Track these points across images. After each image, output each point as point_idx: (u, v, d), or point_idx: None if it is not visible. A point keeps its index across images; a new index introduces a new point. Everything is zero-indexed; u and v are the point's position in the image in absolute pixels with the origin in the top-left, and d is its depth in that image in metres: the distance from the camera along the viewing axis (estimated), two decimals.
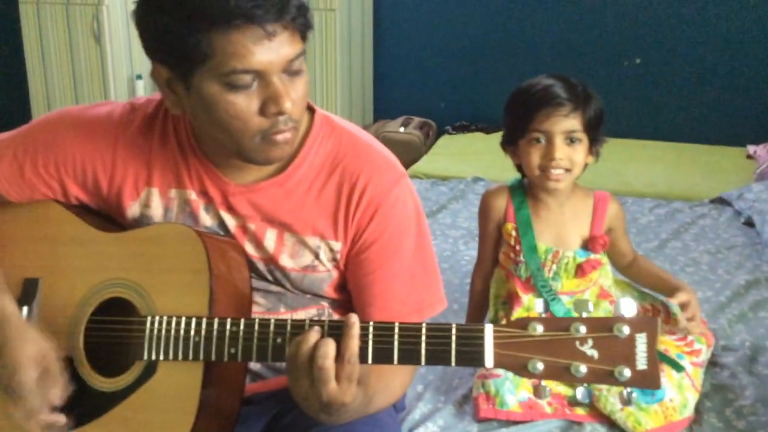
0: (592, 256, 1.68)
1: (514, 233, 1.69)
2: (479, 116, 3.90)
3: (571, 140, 1.59)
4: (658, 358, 0.88)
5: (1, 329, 1.07)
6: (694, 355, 1.66)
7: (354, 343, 0.94)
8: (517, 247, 1.68)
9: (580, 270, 1.67)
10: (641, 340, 0.87)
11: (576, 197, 1.71)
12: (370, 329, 0.96)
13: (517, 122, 1.64)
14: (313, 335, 0.95)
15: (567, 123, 1.58)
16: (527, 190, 1.71)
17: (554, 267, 1.67)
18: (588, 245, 1.68)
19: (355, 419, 1.04)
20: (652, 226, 2.61)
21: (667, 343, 1.67)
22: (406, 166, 3.33)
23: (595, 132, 1.63)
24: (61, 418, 1.05)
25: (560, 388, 1.59)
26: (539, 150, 1.60)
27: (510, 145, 1.69)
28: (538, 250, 1.67)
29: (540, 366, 0.89)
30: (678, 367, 1.59)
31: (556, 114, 1.58)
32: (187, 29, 0.96)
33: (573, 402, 1.59)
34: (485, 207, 1.74)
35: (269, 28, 0.96)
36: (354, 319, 0.95)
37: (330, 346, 0.94)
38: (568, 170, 1.61)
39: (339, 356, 0.94)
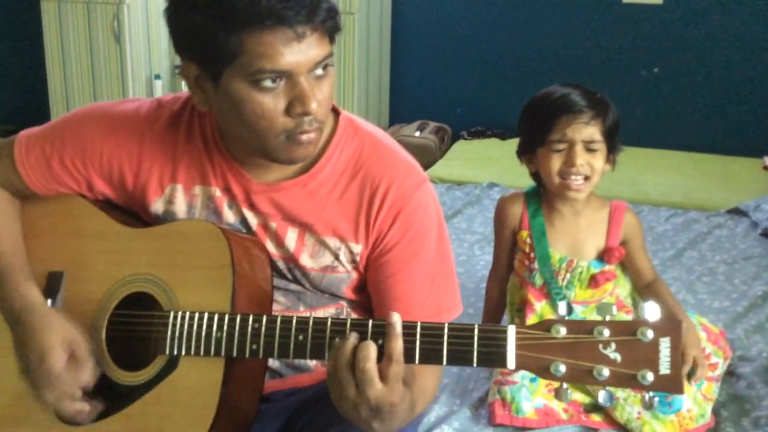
0: (606, 268, 1.68)
1: (528, 240, 1.69)
2: (495, 122, 3.90)
3: (590, 148, 1.59)
4: (681, 362, 0.88)
5: (26, 317, 1.09)
6: (710, 368, 1.65)
7: (399, 343, 0.93)
8: (532, 255, 1.68)
9: (594, 281, 1.67)
10: (665, 345, 0.87)
11: (591, 206, 1.70)
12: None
13: (536, 130, 1.63)
14: (352, 339, 0.95)
15: (587, 131, 1.58)
16: (543, 198, 1.71)
17: (568, 276, 1.67)
18: (603, 256, 1.68)
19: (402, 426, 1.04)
20: (668, 235, 2.60)
21: None
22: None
23: (613, 140, 1.63)
24: (86, 407, 1.07)
25: (576, 396, 1.59)
26: (560, 157, 1.60)
27: (527, 153, 1.69)
28: (551, 259, 1.66)
29: (562, 368, 0.89)
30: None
31: (576, 122, 1.58)
32: (218, 28, 0.97)
33: (589, 409, 1.59)
34: (500, 213, 1.74)
35: (299, 30, 0.97)
36: (396, 317, 0.95)
37: (371, 348, 0.93)
38: (587, 178, 1.61)
39: (385, 356, 0.93)
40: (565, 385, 0.91)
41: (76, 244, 1.17)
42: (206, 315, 1.04)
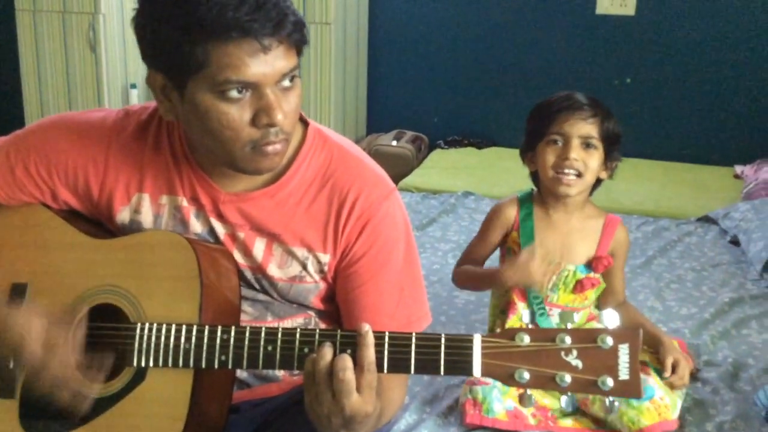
0: (592, 275, 1.71)
1: (518, 242, 1.72)
2: (471, 131, 3.94)
3: (587, 145, 1.64)
4: (639, 368, 0.91)
5: None
6: None
7: (371, 352, 0.95)
8: None
9: (579, 285, 1.70)
10: (624, 351, 0.90)
11: (586, 213, 1.75)
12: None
13: (538, 127, 1.69)
14: (328, 350, 0.96)
15: (585, 127, 1.64)
16: (536, 200, 1.75)
17: (554, 278, 1.70)
18: (591, 263, 1.71)
19: None
20: (639, 243, 2.64)
21: (650, 358, 1.71)
22: (398, 179, 3.39)
23: (612, 147, 1.68)
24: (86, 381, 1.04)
25: (546, 401, 1.61)
26: (555, 151, 1.65)
27: (528, 151, 1.74)
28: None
29: (526, 375, 0.91)
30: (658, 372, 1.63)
31: (574, 117, 1.64)
32: (184, 38, 0.97)
33: (558, 415, 1.61)
34: (496, 214, 1.77)
35: (265, 42, 0.98)
36: (367, 327, 0.96)
37: (347, 359, 0.95)
38: (579, 176, 1.65)
39: (357, 366, 0.95)
40: (529, 392, 0.93)
41: (40, 255, 1.16)
42: (174, 326, 1.04)
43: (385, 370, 0.97)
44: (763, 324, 2.07)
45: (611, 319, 0.91)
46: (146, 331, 1.05)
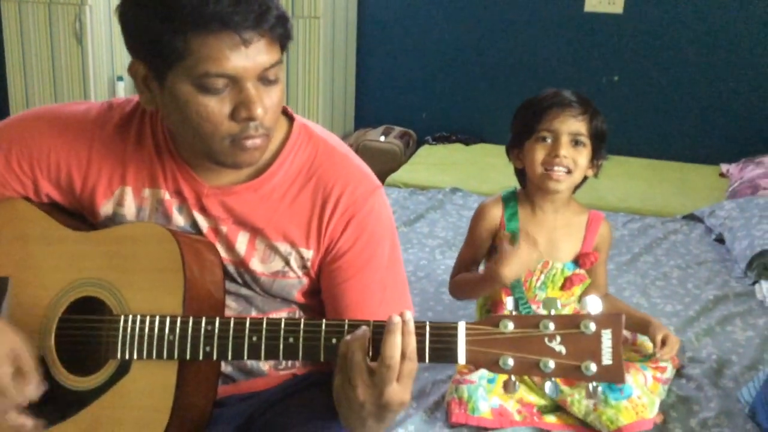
0: (579, 271, 1.72)
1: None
2: (459, 128, 3.94)
3: (576, 142, 1.65)
4: (622, 353, 0.91)
5: None
6: (658, 370, 1.70)
7: (413, 340, 0.93)
8: None
9: (568, 282, 1.71)
10: (606, 336, 0.91)
11: (571, 210, 1.75)
12: (346, 326, 0.98)
13: (526, 123, 1.68)
14: (364, 334, 0.94)
15: (574, 125, 1.64)
16: (521, 199, 1.75)
17: (542, 277, 1.70)
18: (578, 260, 1.72)
19: (328, 423, 1.05)
20: (624, 240, 2.65)
21: (633, 357, 1.72)
22: (385, 175, 3.38)
23: (599, 144, 1.69)
24: (29, 422, 1.02)
25: (531, 398, 1.61)
26: (545, 148, 1.65)
27: (515, 149, 1.73)
28: None
29: (510, 362, 0.92)
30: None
31: (564, 114, 1.64)
32: (165, 28, 0.97)
33: (543, 410, 1.62)
34: (481, 215, 1.76)
35: (246, 35, 0.97)
36: (409, 315, 0.94)
37: (397, 345, 0.92)
38: (568, 172, 1.65)
39: (400, 355, 0.93)
40: (513, 378, 0.94)
41: (22, 248, 1.15)
42: (158, 318, 1.03)
43: (369, 358, 0.96)
44: (747, 321, 2.08)
45: (594, 304, 0.92)
46: (130, 323, 1.05)
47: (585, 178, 1.72)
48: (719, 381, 1.78)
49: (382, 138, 3.81)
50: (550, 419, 1.60)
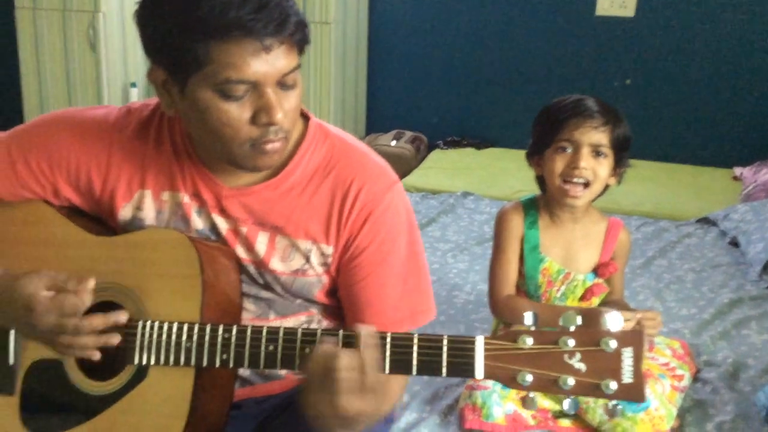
0: (599, 281, 1.70)
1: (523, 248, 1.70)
2: (471, 132, 3.94)
3: (597, 153, 1.61)
4: (642, 372, 0.90)
5: None
6: (676, 379, 1.69)
7: (374, 353, 0.93)
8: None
9: (589, 292, 1.69)
10: (627, 354, 0.90)
11: (590, 218, 1.72)
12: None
13: (546, 131, 1.64)
14: (328, 347, 0.94)
15: (596, 136, 1.60)
16: (540, 206, 1.72)
17: (563, 288, 1.68)
18: (597, 270, 1.70)
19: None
20: (638, 243, 2.64)
21: (651, 366, 1.70)
22: None
23: (621, 153, 1.64)
24: (98, 319, 1.03)
25: (546, 403, 1.61)
26: (565, 158, 1.61)
27: (535, 155, 1.70)
28: (550, 270, 1.68)
29: (529, 378, 0.91)
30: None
31: (585, 125, 1.60)
32: (186, 36, 0.97)
33: (558, 415, 1.61)
34: (507, 223, 1.70)
35: (266, 42, 0.97)
36: (371, 329, 0.95)
37: (351, 358, 0.92)
38: (587, 185, 1.61)
39: (359, 367, 0.92)
40: (532, 394, 0.93)
41: (41, 252, 1.16)
42: (175, 325, 1.04)
43: (387, 371, 0.96)
44: (763, 324, 2.07)
45: (614, 322, 0.90)
46: (147, 329, 1.05)
47: (606, 187, 1.68)
48: (735, 384, 1.77)
49: (393, 142, 3.81)
50: (565, 423, 1.59)
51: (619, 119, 1.64)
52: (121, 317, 1.06)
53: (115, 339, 1.05)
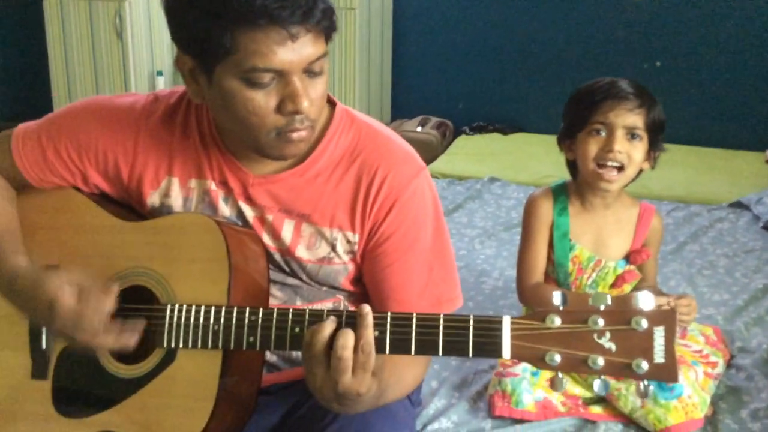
0: (631, 268, 1.67)
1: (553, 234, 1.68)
2: (497, 117, 3.90)
3: (632, 136, 1.57)
4: (675, 351, 0.88)
5: (19, 282, 1.07)
6: (710, 366, 1.66)
7: (369, 333, 0.94)
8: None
9: (620, 279, 1.65)
10: (659, 334, 0.87)
11: (621, 203, 1.68)
12: (388, 319, 0.96)
13: (579, 114, 1.60)
14: (329, 324, 0.96)
15: (630, 118, 1.56)
16: (571, 192, 1.68)
17: (593, 275, 1.66)
18: (629, 256, 1.67)
19: (369, 410, 1.05)
20: (669, 228, 2.60)
21: (684, 353, 1.67)
22: None
23: (656, 136, 1.60)
24: (124, 332, 1.03)
25: (576, 390, 1.59)
26: (598, 142, 1.57)
27: (566, 139, 1.66)
28: (580, 258, 1.66)
29: (557, 358, 0.89)
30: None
31: (620, 107, 1.56)
32: (213, 24, 0.97)
33: (588, 402, 1.59)
34: (536, 210, 1.68)
35: (293, 30, 0.97)
36: (367, 309, 0.95)
37: (349, 337, 0.94)
38: (621, 169, 1.58)
39: (355, 346, 0.94)
40: (560, 374, 0.91)
41: (72, 238, 1.17)
42: (203, 308, 1.04)
43: (413, 352, 0.96)
44: None
45: (646, 301, 0.88)
46: (176, 312, 1.06)
47: (640, 171, 1.64)
48: None
49: (419, 128, 3.79)
50: (596, 410, 1.57)
51: (654, 101, 1.60)
52: (138, 326, 1.05)
53: (133, 340, 1.04)
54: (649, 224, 1.69)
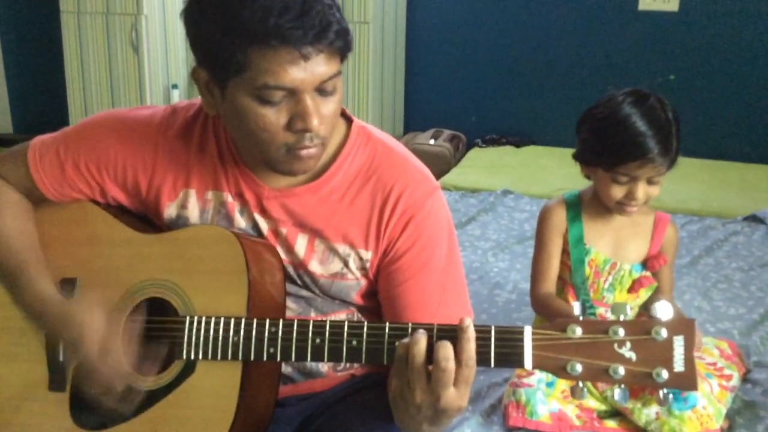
0: (647, 273, 1.68)
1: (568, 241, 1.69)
2: (509, 130, 3.91)
3: (652, 182, 1.59)
4: (694, 360, 0.89)
5: (45, 317, 1.11)
6: (724, 378, 1.65)
7: (471, 347, 0.93)
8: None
9: (637, 284, 1.67)
10: (679, 343, 0.89)
11: (637, 210, 1.69)
12: (409, 330, 0.97)
13: (603, 155, 1.59)
14: (422, 336, 0.94)
15: (654, 170, 1.57)
16: (584, 202, 1.70)
17: (610, 279, 1.67)
18: (647, 262, 1.68)
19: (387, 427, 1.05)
20: (684, 242, 2.59)
21: (698, 365, 1.66)
22: (436, 178, 3.36)
23: (673, 165, 1.60)
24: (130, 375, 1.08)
25: (591, 403, 1.59)
26: (622, 189, 1.59)
27: (585, 164, 1.67)
28: (597, 261, 1.67)
29: (579, 367, 0.90)
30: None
31: (646, 166, 1.56)
32: (226, 40, 0.98)
33: (603, 416, 1.59)
34: (549, 219, 1.71)
35: (304, 51, 0.97)
36: (468, 321, 0.94)
37: (450, 349, 0.92)
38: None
39: (457, 360, 0.92)
40: (581, 384, 0.92)
41: (89, 250, 1.18)
42: (222, 319, 1.05)
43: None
44: None
45: (664, 310, 0.89)
46: (195, 324, 1.06)
47: None
48: None
49: (432, 141, 3.80)
50: (611, 424, 1.57)
51: (676, 143, 1.58)
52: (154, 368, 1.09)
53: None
54: (664, 231, 1.71)
